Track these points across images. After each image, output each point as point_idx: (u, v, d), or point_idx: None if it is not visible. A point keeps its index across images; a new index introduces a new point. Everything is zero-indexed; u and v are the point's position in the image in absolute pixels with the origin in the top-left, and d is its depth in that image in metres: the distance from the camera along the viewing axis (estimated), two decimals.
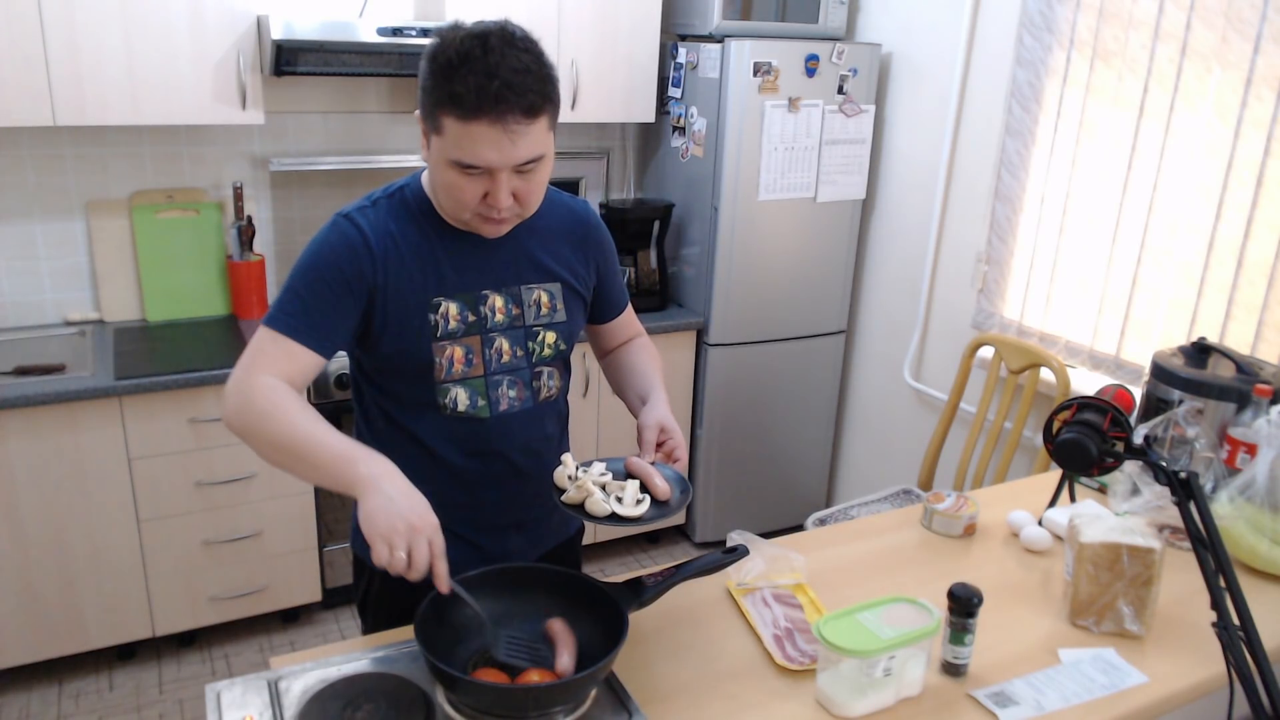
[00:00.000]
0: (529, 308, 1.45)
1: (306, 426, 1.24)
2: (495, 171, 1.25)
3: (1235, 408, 1.81)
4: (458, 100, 1.20)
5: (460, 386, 1.41)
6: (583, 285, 1.53)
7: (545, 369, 1.48)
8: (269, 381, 1.28)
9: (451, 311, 1.39)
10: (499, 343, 1.43)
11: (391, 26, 2.63)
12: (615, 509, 1.32)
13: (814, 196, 3.21)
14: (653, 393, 1.52)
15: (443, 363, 1.39)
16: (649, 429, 1.44)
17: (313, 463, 1.23)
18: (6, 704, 2.58)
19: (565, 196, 1.55)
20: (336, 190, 3.13)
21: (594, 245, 1.55)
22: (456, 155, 1.24)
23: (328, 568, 2.93)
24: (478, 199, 1.28)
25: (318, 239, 1.36)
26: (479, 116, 1.20)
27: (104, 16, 2.42)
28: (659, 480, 1.37)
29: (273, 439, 1.25)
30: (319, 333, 1.33)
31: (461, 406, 1.42)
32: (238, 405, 1.28)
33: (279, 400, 1.26)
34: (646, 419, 1.46)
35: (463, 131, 1.22)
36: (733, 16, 3.06)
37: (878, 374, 3.44)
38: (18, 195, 2.75)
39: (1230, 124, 2.25)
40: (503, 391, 1.44)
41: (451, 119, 1.22)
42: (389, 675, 1.24)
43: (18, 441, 2.38)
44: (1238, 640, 1.14)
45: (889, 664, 1.25)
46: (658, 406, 1.48)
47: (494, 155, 1.23)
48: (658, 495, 1.37)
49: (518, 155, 1.24)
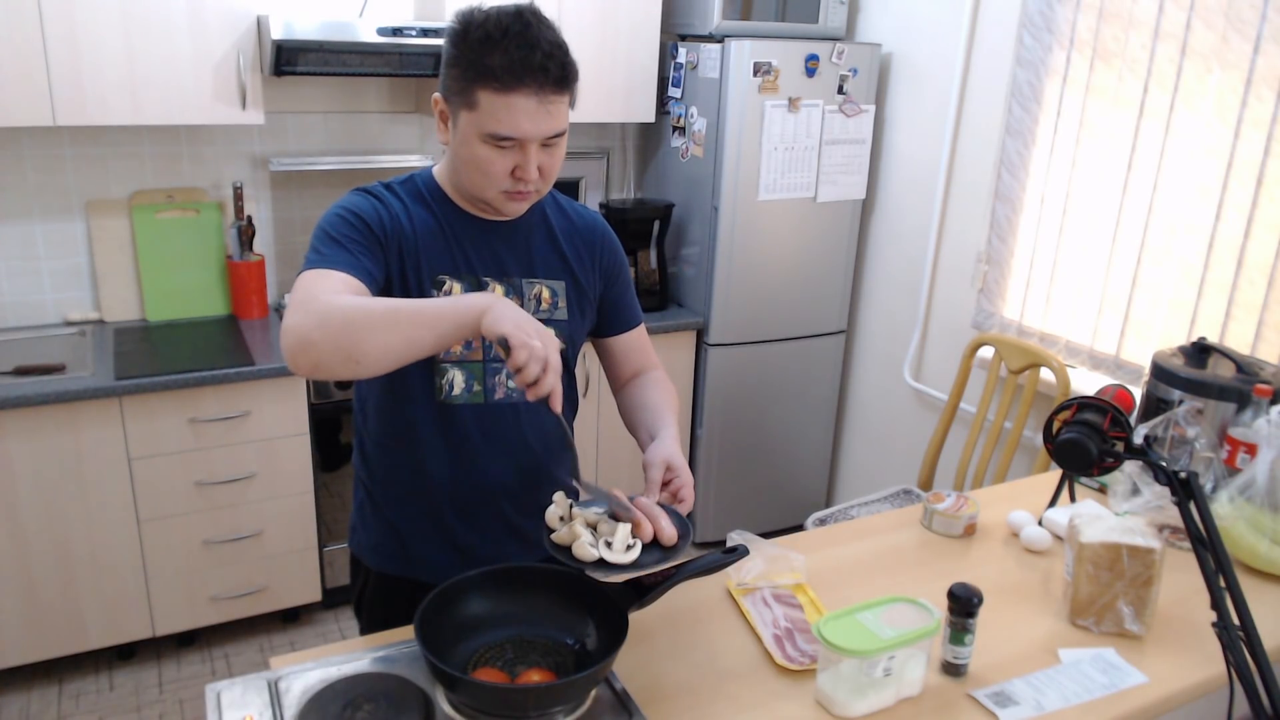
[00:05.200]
0: (529, 301, 1.46)
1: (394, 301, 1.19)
2: (526, 144, 1.29)
3: (1235, 408, 1.80)
4: (497, 72, 1.23)
5: (458, 369, 1.42)
6: (588, 287, 1.53)
7: None
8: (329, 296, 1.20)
9: (456, 291, 1.40)
10: None
11: (391, 26, 2.63)
12: (604, 554, 1.23)
13: (814, 196, 3.21)
14: (663, 429, 1.46)
15: None
16: (655, 467, 1.38)
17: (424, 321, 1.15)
18: (6, 704, 2.58)
19: (580, 206, 1.57)
20: (336, 190, 3.13)
21: (603, 251, 1.55)
22: (492, 127, 1.27)
23: (328, 568, 2.93)
24: (507, 173, 1.31)
25: (340, 202, 1.36)
26: (519, 87, 1.24)
27: (104, 16, 2.42)
28: (664, 523, 1.28)
29: (370, 323, 1.15)
30: (358, 266, 1.29)
31: (457, 390, 1.42)
32: (312, 324, 1.15)
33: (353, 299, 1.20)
34: (653, 456, 1.40)
35: (501, 103, 1.25)
36: (733, 16, 3.06)
37: (878, 374, 3.44)
38: (18, 195, 2.75)
39: (1230, 124, 2.25)
40: (500, 379, 1.44)
41: (489, 91, 1.25)
42: (389, 675, 1.24)
43: (18, 441, 2.38)
44: (1238, 640, 1.14)
45: (889, 664, 1.25)
46: (666, 443, 1.42)
47: (529, 126, 1.27)
48: (663, 540, 1.27)
49: (551, 126, 1.28)
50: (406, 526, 1.50)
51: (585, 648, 1.28)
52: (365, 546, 1.55)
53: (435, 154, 3.27)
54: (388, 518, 1.51)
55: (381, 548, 1.52)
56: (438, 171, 1.45)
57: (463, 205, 1.42)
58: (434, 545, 1.48)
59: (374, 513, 1.52)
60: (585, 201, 3.49)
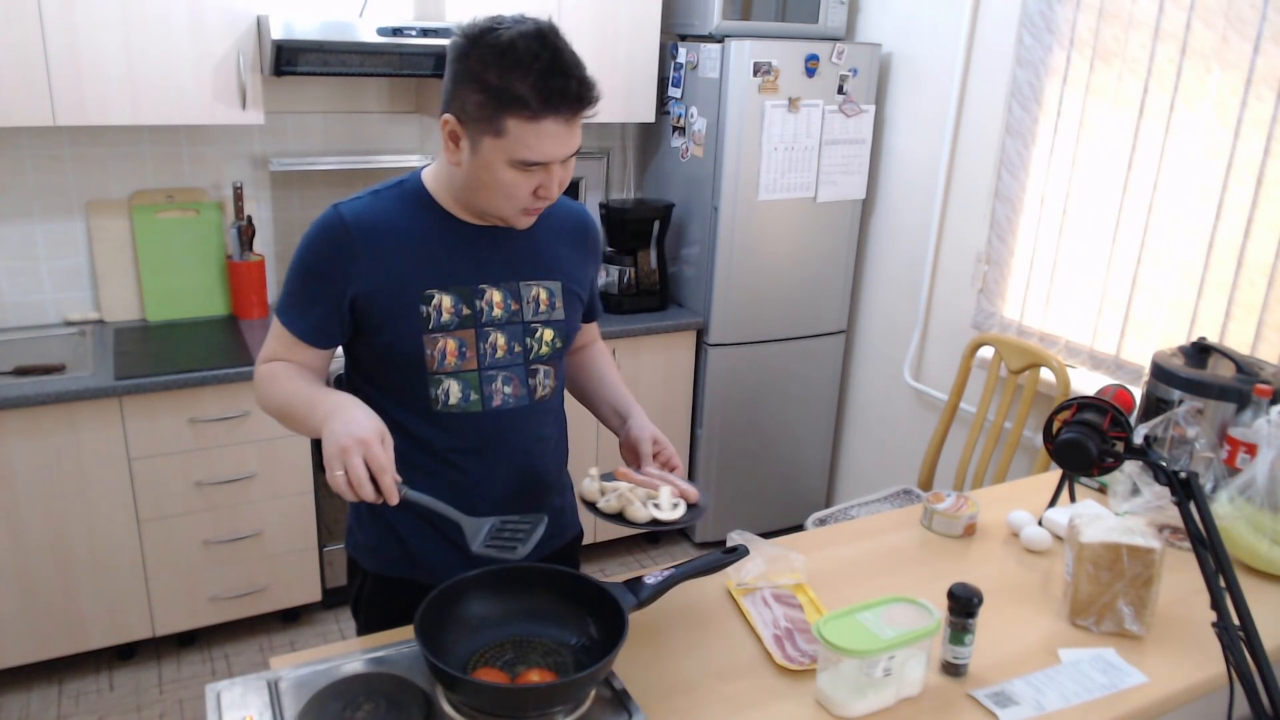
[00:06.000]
0: (528, 304, 1.45)
1: (288, 388, 1.36)
2: (550, 164, 1.29)
3: (1235, 408, 1.81)
4: (529, 101, 1.22)
5: (452, 379, 1.41)
6: (580, 286, 1.53)
7: (541, 367, 1.48)
8: (266, 366, 1.42)
9: (445, 304, 1.38)
10: (494, 337, 1.42)
11: (391, 26, 2.63)
12: (654, 514, 1.39)
13: (814, 196, 3.21)
14: (632, 408, 1.59)
15: (434, 354, 1.39)
16: (645, 442, 1.52)
17: (297, 419, 1.35)
18: (6, 704, 2.58)
19: (565, 199, 1.55)
20: (336, 190, 3.14)
21: (593, 248, 1.57)
22: (522, 154, 1.26)
23: (328, 568, 2.93)
24: (530, 193, 1.32)
25: (308, 232, 1.39)
26: (552, 114, 1.24)
27: (104, 16, 2.42)
28: (685, 485, 1.45)
29: (274, 410, 1.39)
30: (314, 328, 1.40)
31: (453, 399, 1.41)
32: (255, 391, 1.44)
33: (273, 374, 1.40)
34: (640, 433, 1.53)
35: (531, 130, 1.24)
36: (733, 16, 3.06)
37: (878, 374, 3.44)
38: (18, 195, 2.75)
39: (1230, 124, 2.25)
40: (497, 387, 1.44)
41: (519, 120, 1.24)
42: (389, 675, 1.24)
43: (18, 441, 2.38)
44: (1238, 640, 1.14)
45: (889, 664, 1.25)
46: (644, 421, 1.56)
47: (557, 149, 1.28)
48: (689, 499, 1.44)
49: (574, 146, 1.31)
50: (405, 528, 1.49)
51: (585, 648, 1.28)
52: (362, 548, 1.55)
53: (435, 154, 3.26)
54: (385, 519, 1.50)
55: (379, 549, 1.52)
56: (429, 176, 1.42)
57: (455, 212, 1.40)
58: (433, 544, 1.48)
59: (371, 514, 1.52)
60: (585, 201, 3.49)
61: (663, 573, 1.38)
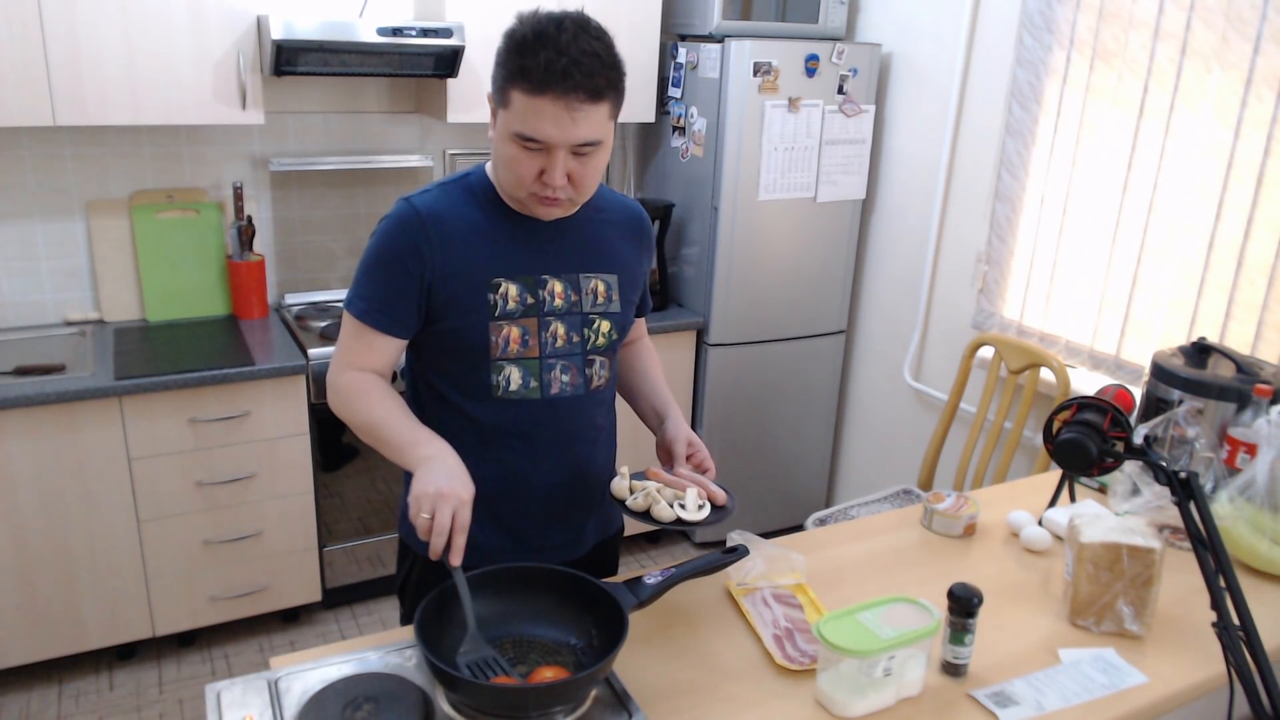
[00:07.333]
0: (586, 295, 1.49)
1: (381, 409, 1.40)
2: (553, 149, 1.31)
3: (1235, 408, 1.81)
4: (527, 74, 1.27)
5: (514, 366, 1.44)
6: (636, 280, 1.57)
7: (598, 357, 1.51)
8: (352, 376, 1.44)
9: (511, 292, 1.42)
10: (555, 326, 1.46)
11: (391, 26, 2.63)
12: (680, 514, 1.41)
13: (814, 196, 3.21)
14: (670, 409, 1.62)
15: (498, 341, 1.43)
16: (680, 443, 1.53)
17: (386, 444, 1.38)
18: (6, 704, 2.58)
19: (622, 196, 1.61)
20: (336, 190, 3.14)
21: (647, 244, 1.61)
22: (520, 128, 1.30)
23: (328, 568, 2.93)
24: (534, 175, 1.34)
25: (381, 225, 1.43)
26: (545, 91, 1.26)
27: (104, 16, 2.42)
28: (714, 488, 1.46)
29: (357, 424, 1.42)
30: (391, 318, 1.42)
31: (514, 386, 1.45)
32: (331, 399, 1.46)
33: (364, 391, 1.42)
34: (676, 434, 1.55)
35: (529, 105, 1.28)
36: (733, 16, 3.06)
37: (878, 374, 3.44)
38: (18, 195, 2.75)
39: (1230, 124, 2.25)
40: (555, 375, 1.47)
41: (520, 92, 1.28)
42: (389, 675, 1.24)
43: (18, 441, 2.38)
44: (1238, 640, 1.14)
45: (889, 664, 1.25)
46: (681, 424, 1.58)
47: (554, 131, 1.29)
48: (716, 501, 1.45)
49: (577, 135, 1.30)
50: None
51: (585, 648, 1.29)
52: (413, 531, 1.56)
53: (435, 154, 3.27)
54: None
55: None
56: (491, 171, 1.47)
57: (511, 204, 1.45)
58: (487, 530, 1.49)
59: None
60: None
61: (663, 573, 1.38)
